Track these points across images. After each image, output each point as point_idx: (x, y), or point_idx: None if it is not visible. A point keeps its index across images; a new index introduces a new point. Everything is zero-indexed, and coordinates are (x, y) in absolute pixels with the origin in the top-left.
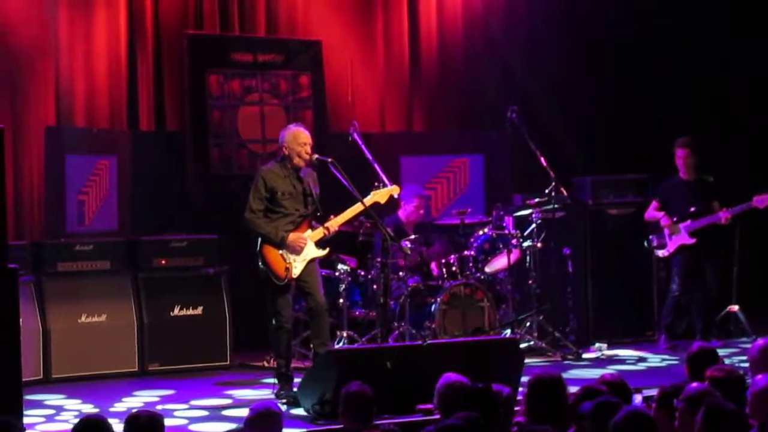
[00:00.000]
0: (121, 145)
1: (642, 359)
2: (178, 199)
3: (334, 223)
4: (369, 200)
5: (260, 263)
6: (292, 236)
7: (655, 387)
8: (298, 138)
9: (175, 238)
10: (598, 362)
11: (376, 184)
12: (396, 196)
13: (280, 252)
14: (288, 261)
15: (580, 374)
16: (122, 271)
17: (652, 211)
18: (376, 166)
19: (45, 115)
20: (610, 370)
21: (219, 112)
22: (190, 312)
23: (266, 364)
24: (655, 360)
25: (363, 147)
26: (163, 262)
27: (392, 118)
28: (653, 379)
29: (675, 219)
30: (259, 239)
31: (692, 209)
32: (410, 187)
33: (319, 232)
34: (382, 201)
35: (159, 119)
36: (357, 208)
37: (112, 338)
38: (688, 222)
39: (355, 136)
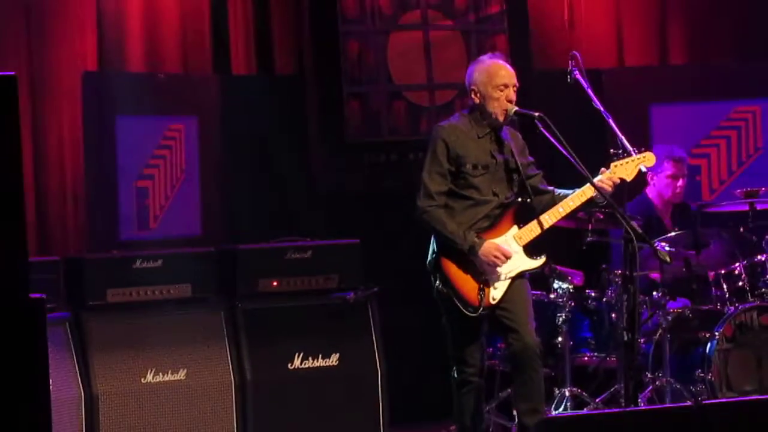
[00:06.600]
0: (204, 100)
1: None
2: (296, 183)
3: (552, 216)
4: (604, 179)
5: (437, 282)
6: (489, 244)
7: None
8: (496, 77)
9: (295, 245)
10: None
11: (612, 152)
12: (645, 170)
13: None
14: (484, 279)
15: None
16: (210, 301)
17: None
18: (612, 123)
19: (80, 55)
20: None
21: (357, 42)
22: (320, 363)
23: None
24: None
25: (590, 92)
26: (275, 284)
27: (635, 46)
28: None
29: None
30: (435, 244)
31: None
32: (658, 150)
33: (531, 230)
34: (628, 178)
35: (263, 57)
36: (585, 192)
37: (196, 406)
38: None
39: (577, 75)
